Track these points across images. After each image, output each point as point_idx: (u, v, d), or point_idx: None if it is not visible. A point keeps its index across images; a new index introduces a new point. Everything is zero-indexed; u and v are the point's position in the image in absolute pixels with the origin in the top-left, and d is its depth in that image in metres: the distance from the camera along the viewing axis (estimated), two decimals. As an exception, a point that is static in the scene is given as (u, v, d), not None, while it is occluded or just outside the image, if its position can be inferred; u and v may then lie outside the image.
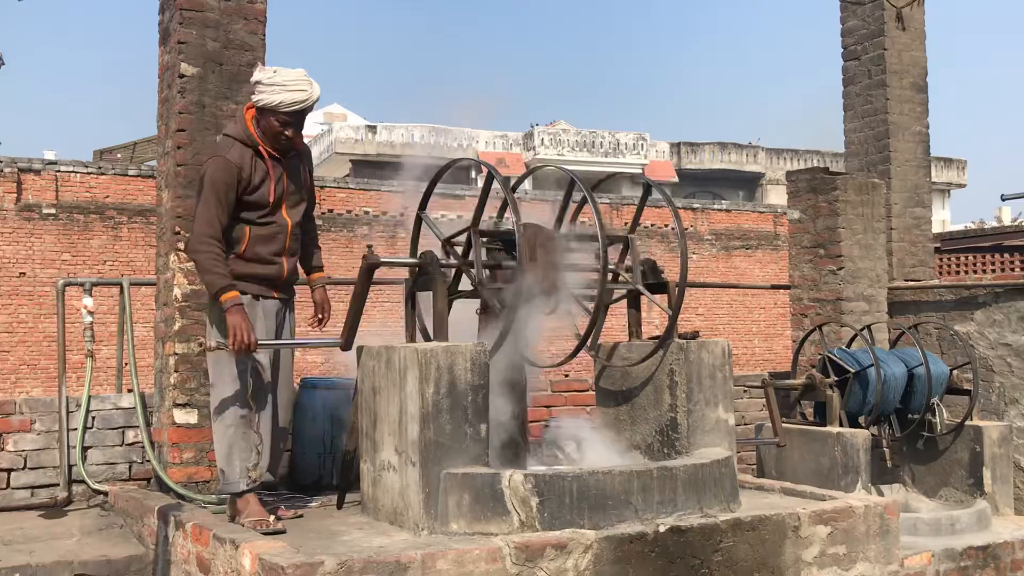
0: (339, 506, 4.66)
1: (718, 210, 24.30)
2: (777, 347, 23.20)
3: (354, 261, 17.97)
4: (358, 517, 4.39)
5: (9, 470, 5.52)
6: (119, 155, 23.59)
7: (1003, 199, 11.28)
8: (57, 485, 5.57)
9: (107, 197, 18.17)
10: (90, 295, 6.15)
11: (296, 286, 4.71)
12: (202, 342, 5.07)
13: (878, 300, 7.85)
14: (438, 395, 3.99)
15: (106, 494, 5.56)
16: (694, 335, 4.80)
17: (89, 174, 18.20)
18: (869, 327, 7.31)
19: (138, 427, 5.65)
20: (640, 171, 32.95)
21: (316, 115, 34.44)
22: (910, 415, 6.92)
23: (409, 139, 33.62)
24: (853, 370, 6.64)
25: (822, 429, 6.58)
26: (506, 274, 4.48)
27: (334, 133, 33.60)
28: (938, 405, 6.85)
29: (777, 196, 34.01)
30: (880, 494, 6.50)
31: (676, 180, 35.17)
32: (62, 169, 17.98)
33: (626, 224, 22.85)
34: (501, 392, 4.55)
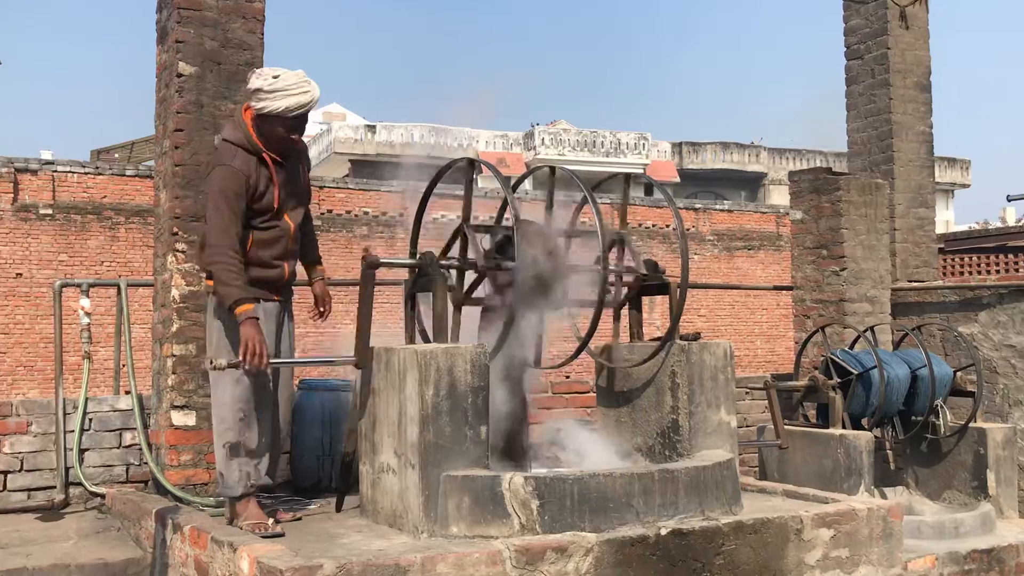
0: (338, 509, 4.66)
1: (720, 210, 24.31)
2: (779, 348, 23.21)
3: (353, 262, 17.98)
4: (357, 520, 4.40)
5: (5, 472, 5.53)
6: (116, 155, 23.61)
7: (1009, 200, 11.30)
8: (54, 487, 5.57)
9: (104, 197, 18.18)
10: (87, 296, 6.15)
11: (295, 282, 4.69)
12: (200, 344, 5.07)
13: (881, 301, 7.85)
14: (438, 397, 4.00)
15: (103, 496, 5.56)
16: (696, 336, 4.80)
17: (86, 174, 18.22)
18: (872, 328, 7.31)
19: (135, 429, 5.65)
20: (642, 171, 32.95)
21: (315, 115, 34.40)
22: (913, 417, 6.91)
23: (409, 139, 33.62)
24: (856, 372, 6.64)
25: (825, 431, 6.58)
26: (506, 275, 4.49)
27: (333, 133, 33.61)
28: (942, 407, 6.84)
29: (779, 196, 34.01)
30: (883, 497, 6.50)
31: (678, 180, 35.17)
32: (59, 169, 17.99)
33: (628, 225, 22.86)
34: (501, 394, 4.55)
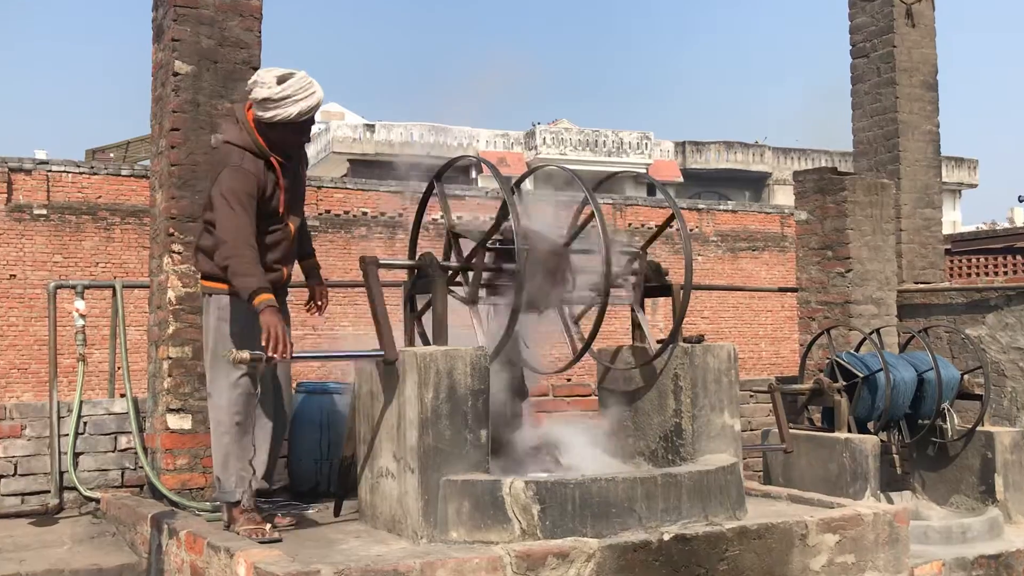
0: (336, 514, 4.66)
1: (724, 211, 24.31)
2: (784, 351, 23.19)
3: (352, 263, 17.99)
4: (356, 525, 4.40)
5: (-1, 477, 5.54)
6: (112, 155, 23.63)
7: (1020, 200, 11.29)
8: (48, 492, 5.57)
9: (99, 198, 18.19)
10: (82, 298, 6.16)
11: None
12: (196, 346, 5.07)
13: (887, 303, 7.85)
14: (437, 400, 4.00)
15: (98, 501, 5.56)
16: (699, 339, 4.80)
17: (81, 174, 18.23)
18: (878, 331, 7.31)
19: (131, 433, 5.65)
20: (644, 171, 32.95)
21: (313, 114, 34.35)
22: (920, 421, 6.92)
23: (408, 138, 33.62)
24: (862, 375, 6.64)
25: (830, 435, 6.58)
26: (506, 278, 4.49)
27: (331, 132, 33.60)
28: (949, 410, 6.85)
29: (784, 196, 34.01)
30: (889, 501, 6.50)
31: (681, 180, 35.17)
32: (53, 169, 18.00)
33: (630, 225, 22.92)
34: (501, 397, 4.55)
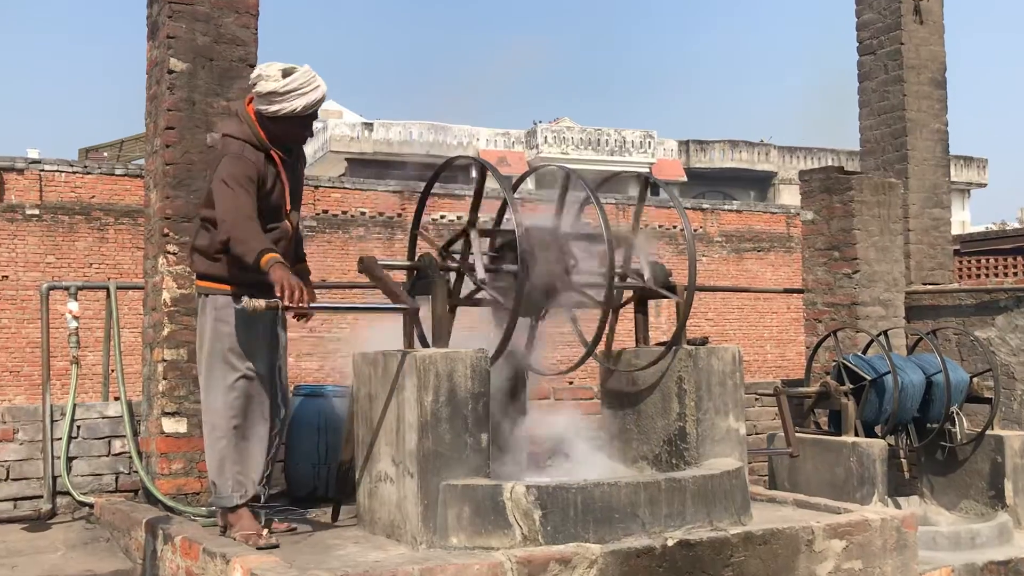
0: (334, 519, 4.66)
1: (728, 211, 24.31)
2: (790, 353, 23.18)
3: (350, 264, 18.00)
4: (354, 530, 4.40)
5: (-9, 481, 5.54)
6: (105, 154, 23.64)
7: None
8: (41, 497, 5.57)
9: (93, 197, 18.19)
10: (75, 299, 6.16)
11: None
12: (192, 348, 5.07)
13: (895, 304, 7.85)
14: (437, 403, 4.00)
15: (92, 506, 5.56)
16: (703, 341, 4.80)
17: (74, 173, 18.23)
18: (886, 333, 7.31)
19: (125, 437, 5.65)
20: (647, 170, 32.97)
21: (310, 112, 34.30)
22: (928, 424, 6.91)
23: (407, 137, 33.64)
24: (869, 377, 6.64)
25: (837, 439, 6.58)
26: (507, 278, 4.49)
27: (329, 131, 33.61)
28: (958, 414, 6.84)
29: (790, 196, 34.00)
30: (897, 507, 6.50)
31: (685, 179, 35.18)
32: (46, 168, 17.99)
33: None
34: (502, 400, 4.55)
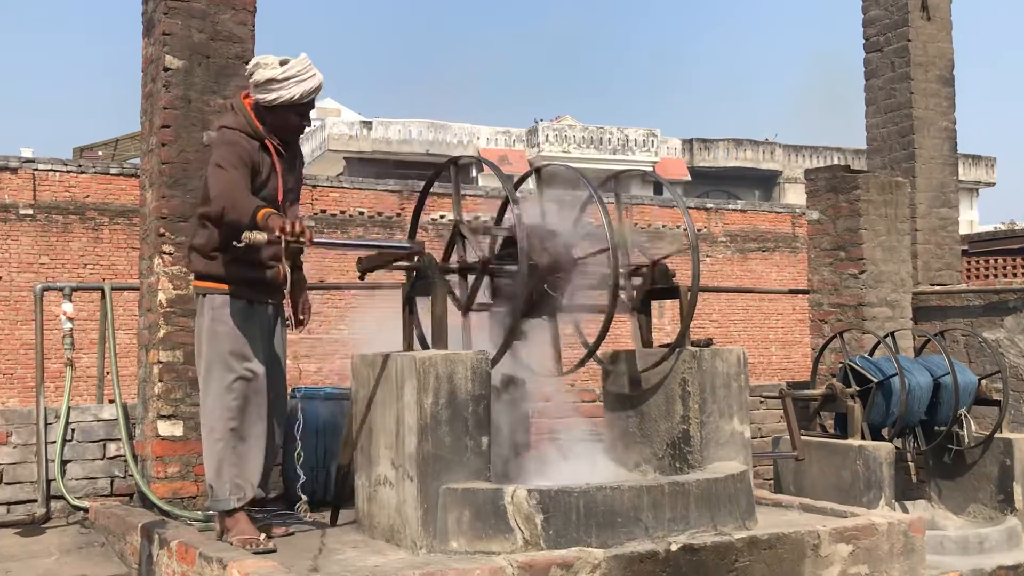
0: (333, 523, 4.66)
1: (733, 210, 24.33)
2: (795, 355, 23.20)
3: (348, 264, 17.97)
4: (353, 535, 4.40)
5: (-16, 485, 5.54)
6: (100, 153, 23.67)
7: None
8: (35, 501, 5.58)
9: (87, 197, 18.21)
10: (70, 300, 6.17)
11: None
12: (188, 350, 5.07)
13: (902, 305, 7.85)
14: (437, 406, 4.00)
15: (86, 510, 5.57)
16: (707, 342, 4.81)
17: (69, 173, 18.25)
18: (893, 334, 7.31)
19: (120, 440, 5.66)
20: (651, 169, 32.98)
21: (308, 110, 34.36)
22: (936, 427, 6.91)
23: (406, 135, 33.65)
24: (876, 379, 6.64)
25: (843, 442, 6.58)
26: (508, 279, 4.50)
27: (327, 129, 33.63)
28: (966, 416, 6.84)
29: (795, 195, 34.02)
30: (904, 511, 6.49)
31: (688, 179, 35.19)
32: (40, 167, 18.02)
33: (636, 225, 22.90)
34: (502, 402, 4.55)
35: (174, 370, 5.23)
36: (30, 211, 17.69)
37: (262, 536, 4.27)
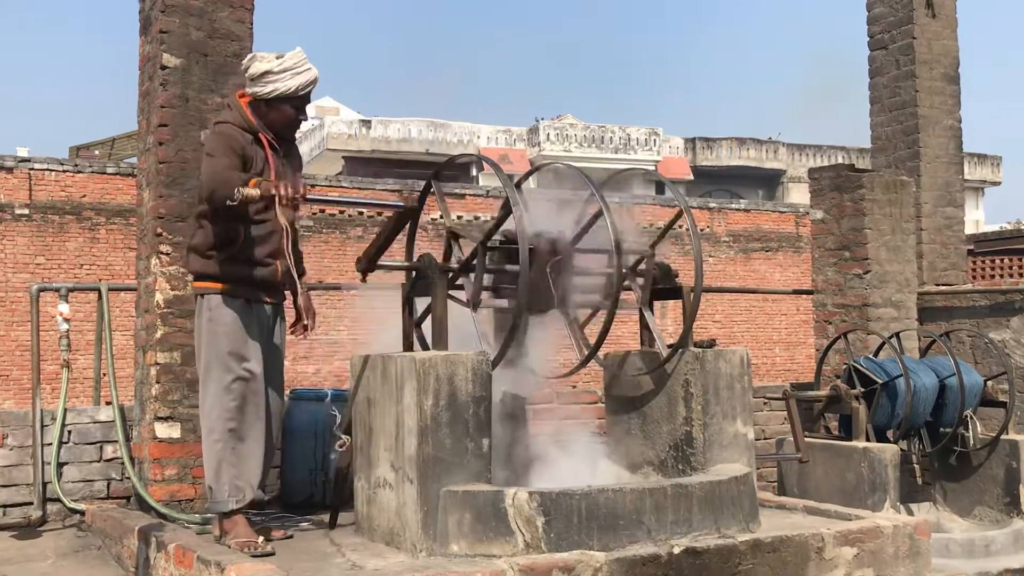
0: (332, 526, 4.66)
1: (736, 210, 24.32)
2: (799, 356, 23.20)
3: (347, 264, 17.99)
4: (352, 538, 4.40)
5: (-20, 488, 5.54)
6: (97, 152, 23.69)
7: None
8: (31, 504, 5.57)
9: (84, 197, 18.21)
10: (66, 301, 6.17)
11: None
12: (186, 351, 5.07)
13: (907, 306, 7.84)
14: (437, 408, 4.00)
15: (83, 513, 5.57)
16: (710, 343, 4.80)
17: (65, 172, 18.26)
18: (897, 335, 7.31)
19: (117, 442, 5.65)
20: (653, 168, 33.00)
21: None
22: (942, 429, 6.91)
23: (406, 134, 33.67)
24: (881, 381, 6.64)
25: (847, 444, 6.58)
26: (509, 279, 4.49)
27: (326, 128, 33.65)
28: (971, 418, 6.84)
29: (799, 195, 34.03)
30: (910, 513, 6.50)
31: (691, 178, 35.21)
32: (36, 167, 18.03)
33: (637, 224, 22.89)
34: (503, 405, 4.55)
35: (171, 372, 5.23)
36: (26, 211, 17.70)
37: (260, 539, 4.27)
